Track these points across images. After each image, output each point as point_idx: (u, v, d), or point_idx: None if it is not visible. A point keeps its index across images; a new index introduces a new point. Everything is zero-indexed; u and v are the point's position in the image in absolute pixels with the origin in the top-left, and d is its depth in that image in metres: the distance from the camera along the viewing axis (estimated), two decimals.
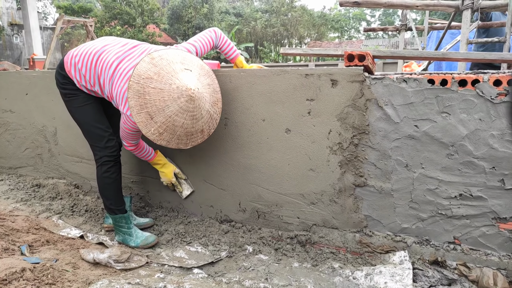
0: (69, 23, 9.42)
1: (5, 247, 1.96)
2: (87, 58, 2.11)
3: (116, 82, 2.02)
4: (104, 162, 2.21)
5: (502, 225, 1.85)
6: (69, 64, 2.15)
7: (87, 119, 2.21)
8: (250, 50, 32.11)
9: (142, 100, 1.87)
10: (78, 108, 2.21)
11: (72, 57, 2.15)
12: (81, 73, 2.12)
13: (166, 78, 1.88)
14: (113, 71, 2.04)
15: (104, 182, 2.23)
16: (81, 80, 2.14)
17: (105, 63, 2.07)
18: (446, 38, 5.90)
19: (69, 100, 2.22)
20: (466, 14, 3.82)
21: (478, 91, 1.78)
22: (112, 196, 2.25)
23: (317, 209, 2.20)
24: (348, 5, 4.52)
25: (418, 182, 1.96)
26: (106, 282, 1.75)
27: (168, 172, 2.48)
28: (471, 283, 1.83)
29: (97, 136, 2.20)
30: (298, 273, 1.95)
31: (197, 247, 2.23)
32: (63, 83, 2.19)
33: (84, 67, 2.11)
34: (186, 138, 2.02)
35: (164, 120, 1.90)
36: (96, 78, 2.10)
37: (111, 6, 26.29)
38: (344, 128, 2.05)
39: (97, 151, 2.22)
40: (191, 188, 2.55)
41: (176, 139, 1.99)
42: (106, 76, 2.06)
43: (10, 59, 20.62)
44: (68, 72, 2.15)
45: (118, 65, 2.04)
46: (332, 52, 2.37)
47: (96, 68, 2.09)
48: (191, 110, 1.92)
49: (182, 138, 2.00)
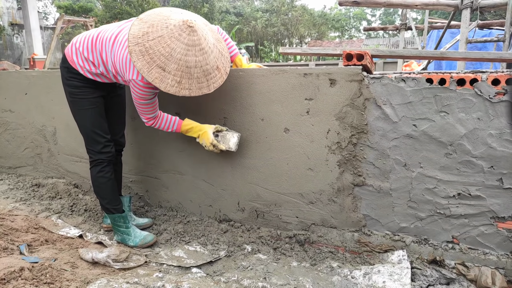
0: (70, 23, 9.41)
1: (4, 246, 1.96)
2: (87, 40, 2.12)
3: (117, 50, 2.02)
4: (98, 163, 2.23)
5: (500, 224, 1.85)
6: (71, 52, 2.14)
7: (87, 123, 2.21)
8: (250, 50, 32.08)
9: (148, 57, 1.84)
10: (81, 111, 2.21)
11: (72, 45, 2.16)
12: (83, 56, 2.11)
13: (160, 25, 1.86)
14: (112, 42, 2.04)
15: (99, 182, 2.24)
16: (85, 65, 2.12)
17: (104, 38, 2.08)
18: (446, 37, 5.90)
19: (74, 100, 2.21)
20: (465, 13, 3.81)
21: (477, 90, 1.78)
22: (107, 195, 2.26)
23: (315, 209, 2.20)
24: (347, 4, 4.52)
25: (417, 181, 1.96)
26: (104, 281, 1.76)
27: (204, 134, 2.22)
28: (469, 282, 1.83)
29: (94, 141, 2.22)
30: (296, 273, 1.95)
31: (196, 246, 2.23)
32: (68, 78, 2.18)
33: (86, 49, 2.11)
34: (205, 79, 1.94)
35: (177, 66, 1.86)
36: (98, 56, 2.09)
37: (112, 6, 26.30)
38: (342, 127, 2.05)
39: (92, 154, 2.24)
40: (235, 135, 2.25)
41: (196, 83, 1.92)
42: (107, 49, 2.06)
43: (11, 59, 20.62)
44: (71, 61, 2.14)
45: (116, 36, 2.05)
46: (331, 52, 2.37)
47: (96, 45, 2.09)
48: (197, 43, 1.87)
49: (201, 79, 1.93)
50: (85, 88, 2.18)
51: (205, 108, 2.40)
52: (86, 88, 2.18)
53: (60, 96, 3.02)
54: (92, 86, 2.20)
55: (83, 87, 2.18)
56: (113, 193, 2.28)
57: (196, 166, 2.51)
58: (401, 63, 7.61)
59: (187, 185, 2.57)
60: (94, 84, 2.19)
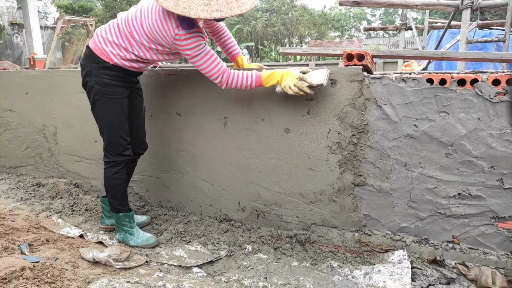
0: (70, 23, 9.40)
1: (5, 246, 1.97)
2: (112, 27, 2.07)
3: (147, 19, 1.97)
4: (115, 164, 2.21)
5: (500, 224, 1.86)
6: (99, 42, 2.07)
7: (114, 125, 2.16)
8: (250, 50, 32.05)
9: None
10: (108, 112, 2.15)
11: (98, 36, 2.09)
12: (115, 42, 2.05)
13: None
14: (140, 16, 1.99)
15: (114, 183, 2.23)
16: (118, 52, 2.05)
17: (129, 19, 2.03)
18: (446, 37, 5.90)
19: (101, 99, 2.13)
20: (465, 13, 3.81)
21: (477, 90, 1.78)
22: (120, 196, 2.26)
23: (316, 208, 2.20)
24: (348, 4, 4.53)
25: (417, 181, 1.96)
26: (105, 281, 1.76)
27: (287, 73, 1.98)
28: (469, 282, 1.84)
29: (116, 143, 2.19)
30: (297, 272, 1.96)
31: (196, 246, 2.23)
32: (98, 75, 2.09)
33: (115, 35, 2.05)
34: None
35: None
36: (129, 37, 2.03)
37: (112, 6, 26.29)
38: (343, 127, 2.05)
39: (111, 155, 2.21)
40: (324, 70, 2.00)
41: (225, 3, 1.82)
42: (137, 26, 2.01)
43: (11, 59, 20.61)
44: (100, 54, 2.06)
45: (140, 10, 2.00)
46: (331, 52, 2.37)
47: (124, 28, 2.04)
48: None
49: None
50: (114, 87, 2.12)
51: (206, 107, 2.40)
52: (115, 87, 2.12)
53: (60, 95, 3.02)
54: (121, 84, 2.14)
55: (112, 86, 2.11)
56: (125, 193, 2.29)
57: (197, 166, 2.51)
58: (401, 63, 7.61)
59: (188, 185, 2.57)
60: (123, 80, 2.14)
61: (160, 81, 2.52)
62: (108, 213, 2.42)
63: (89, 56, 2.11)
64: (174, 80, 2.48)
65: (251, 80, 2.02)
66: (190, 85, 2.42)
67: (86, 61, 2.12)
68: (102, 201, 2.45)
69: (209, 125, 2.42)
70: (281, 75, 1.98)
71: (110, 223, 2.45)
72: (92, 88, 2.12)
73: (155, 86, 2.55)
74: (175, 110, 2.50)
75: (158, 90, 2.54)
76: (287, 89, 1.96)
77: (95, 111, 2.19)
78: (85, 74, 2.13)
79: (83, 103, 2.90)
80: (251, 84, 2.03)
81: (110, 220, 2.45)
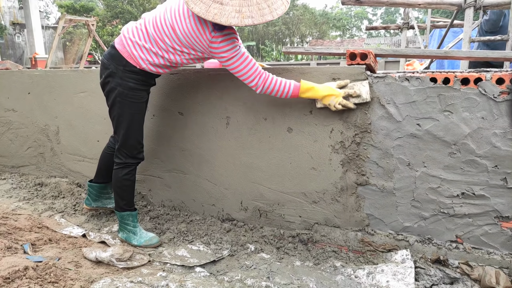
0: (71, 22, 9.40)
1: (8, 245, 1.97)
2: (140, 28, 2.03)
3: (180, 24, 1.92)
4: (127, 165, 2.22)
5: (504, 224, 1.85)
6: (127, 45, 2.02)
7: (134, 128, 2.16)
8: (251, 49, 32.05)
9: None
10: (130, 114, 2.13)
11: (126, 38, 2.04)
12: (143, 45, 2.01)
13: None
14: (170, 20, 1.94)
15: (123, 184, 2.24)
16: (147, 57, 2.01)
17: (158, 22, 1.98)
18: (448, 36, 5.88)
19: (123, 102, 2.10)
20: (468, 12, 3.80)
21: (481, 89, 1.78)
22: (128, 196, 2.28)
23: (319, 208, 2.20)
24: (350, 3, 4.51)
25: (420, 180, 1.96)
26: (108, 280, 1.76)
27: (329, 92, 1.96)
28: (473, 282, 1.83)
29: (132, 146, 2.19)
30: (300, 272, 1.95)
31: (199, 245, 2.23)
32: (123, 78, 2.05)
33: (142, 37, 2.01)
34: (266, 5, 1.82)
35: None
36: (159, 41, 1.99)
37: (113, 5, 26.32)
38: (346, 126, 2.05)
39: (123, 157, 2.20)
40: (364, 83, 1.97)
41: (257, 9, 1.79)
42: (168, 32, 1.96)
43: (12, 58, 20.66)
44: (128, 57, 2.02)
45: (170, 13, 1.95)
46: (334, 51, 2.36)
47: (154, 34, 1.99)
48: None
49: (262, 5, 1.81)
50: (137, 91, 2.10)
51: (208, 107, 2.40)
52: (138, 91, 2.10)
53: (63, 95, 3.02)
54: (143, 88, 2.13)
55: (135, 90, 2.09)
56: (132, 194, 2.30)
57: (199, 166, 2.51)
58: (403, 62, 7.59)
59: (190, 185, 2.57)
60: (146, 84, 2.14)
61: (162, 81, 2.52)
62: (95, 197, 2.50)
63: (115, 57, 2.05)
64: (177, 80, 2.47)
65: (288, 89, 1.98)
66: (192, 84, 2.42)
67: (112, 62, 2.07)
68: (90, 186, 2.50)
69: (211, 125, 2.41)
70: (323, 94, 1.96)
71: (96, 205, 2.52)
72: (114, 89, 2.08)
73: (157, 85, 2.54)
74: (178, 109, 2.50)
75: (160, 89, 2.53)
76: (331, 106, 1.98)
77: (113, 112, 2.16)
78: (108, 74, 2.08)
79: (85, 103, 2.91)
80: (287, 94, 1.98)
81: (96, 203, 2.52)
